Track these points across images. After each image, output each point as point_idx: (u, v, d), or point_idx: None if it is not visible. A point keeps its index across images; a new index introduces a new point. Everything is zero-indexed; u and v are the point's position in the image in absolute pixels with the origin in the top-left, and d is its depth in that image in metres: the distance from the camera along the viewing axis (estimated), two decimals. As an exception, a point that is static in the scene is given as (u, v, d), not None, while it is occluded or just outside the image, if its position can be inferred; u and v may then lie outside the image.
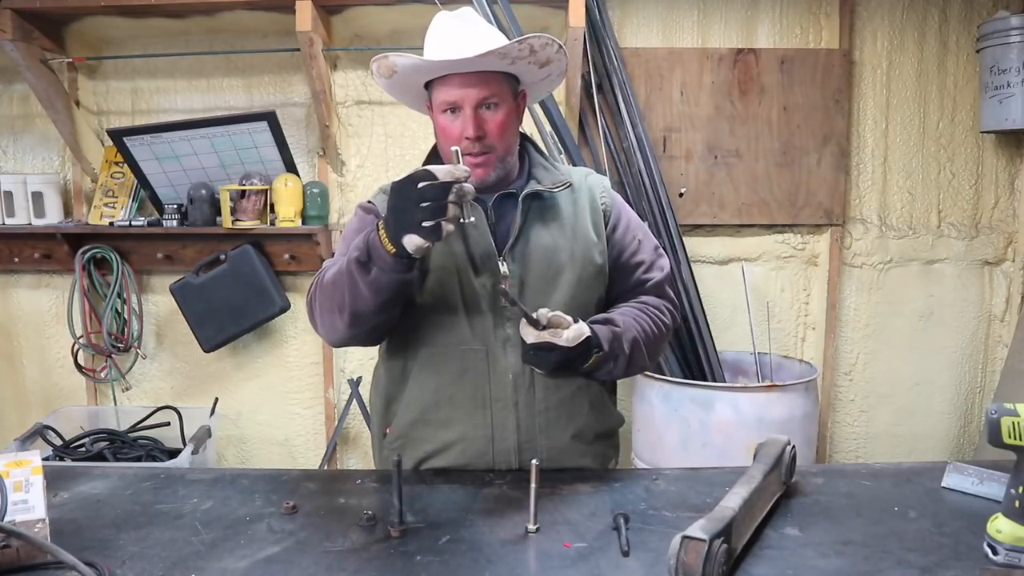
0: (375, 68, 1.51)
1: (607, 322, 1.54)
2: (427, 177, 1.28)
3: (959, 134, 3.04)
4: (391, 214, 1.33)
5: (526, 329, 1.43)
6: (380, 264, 1.35)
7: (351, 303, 1.41)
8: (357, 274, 1.38)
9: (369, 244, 1.36)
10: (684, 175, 2.98)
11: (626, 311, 1.59)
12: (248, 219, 2.87)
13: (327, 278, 1.46)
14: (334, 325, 1.47)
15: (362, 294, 1.39)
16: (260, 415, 3.22)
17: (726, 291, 3.05)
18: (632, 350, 1.54)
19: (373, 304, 1.40)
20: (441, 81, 1.49)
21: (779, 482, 1.38)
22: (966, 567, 1.15)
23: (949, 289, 3.10)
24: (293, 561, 1.18)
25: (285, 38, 2.89)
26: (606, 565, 1.17)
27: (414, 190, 1.28)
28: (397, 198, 1.31)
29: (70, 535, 1.25)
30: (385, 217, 1.35)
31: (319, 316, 1.50)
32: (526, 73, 1.54)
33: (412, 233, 1.29)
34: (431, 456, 1.56)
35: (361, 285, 1.38)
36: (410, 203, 1.28)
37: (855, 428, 3.18)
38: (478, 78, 1.46)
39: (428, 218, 1.28)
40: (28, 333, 3.22)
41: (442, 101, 1.49)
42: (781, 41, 2.98)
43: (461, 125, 1.48)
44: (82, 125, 3.01)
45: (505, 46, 1.44)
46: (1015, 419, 1.12)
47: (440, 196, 1.27)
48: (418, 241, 1.30)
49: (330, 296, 1.45)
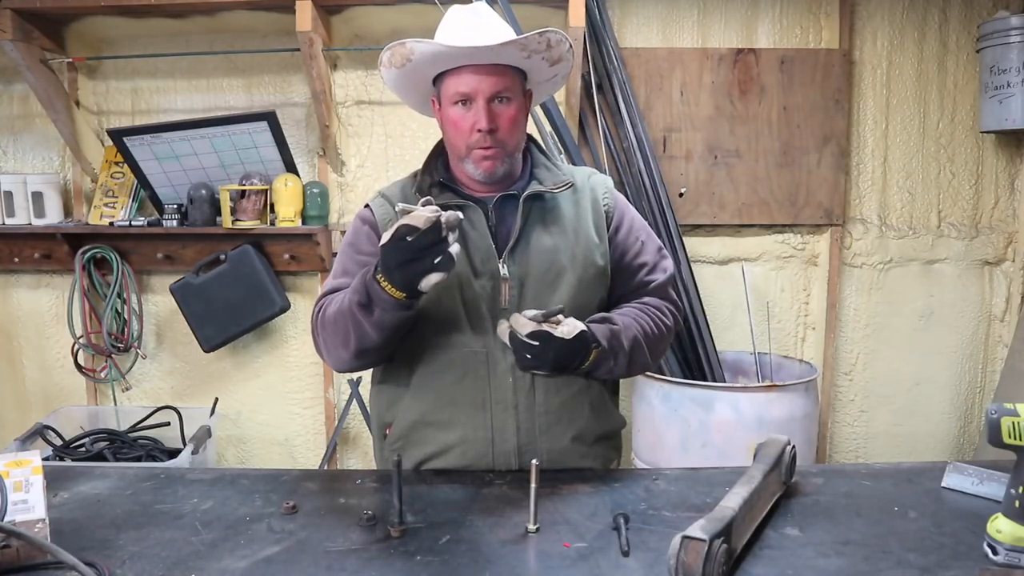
0: (387, 56, 1.49)
1: (605, 320, 1.53)
2: (411, 231, 1.29)
3: (959, 134, 3.04)
4: (395, 270, 1.33)
5: (519, 320, 1.41)
6: (382, 306, 1.39)
7: (357, 342, 1.46)
8: (360, 316, 1.41)
9: (369, 291, 1.38)
10: (684, 175, 2.98)
11: (626, 311, 1.59)
12: (248, 219, 2.87)
13: (329, 315, 1.49)
14: (340, 358, 1.52)
15: (367, 333, 1.43)
16: (260, 415, 3.22)
17: (726, 291, 3.05)
18: (632, 348, 1.53)
19: (379, 340, 1.45)
20: (454, 72, 1.48)
21: (779, 482, 1.38)
22: (966, 567, 1.15)
23: (949, 289, 3.10)
24: (293, 561, 1.18)
25: (285, 38, 2.89)
26: (606, 565, 1.17)
27: (407, 245, 1.29)
28: (395, 256, 1.32)
29: (70, 535, 1.25)
30: (384, 271, 1.35)
31: (324, 350, 1.55)
32: (537, 71, 1.55)
33: (429, 273, 1.32)
34: (431, 458, 1.56)
35: (365, 325, 1.42)
36: (409, 256, 1.31)
37: (855, 428, 3.18)
38: (492, 70, 1.46)
39: (436, 257, 1.31)
40: (28, 333, 3.22)
41: (455, 92, 1.48)
42: (781, 41, 2.98)
43: (473, 117, 1.47)
44: (82, 125, 3.01)
45: (526, 36, 1.45)
46: (1015, 419, 1.12)
47: (435, 239, 1.30)
48: (435, 278, 1.33)
49: (333, 333, 1.49)
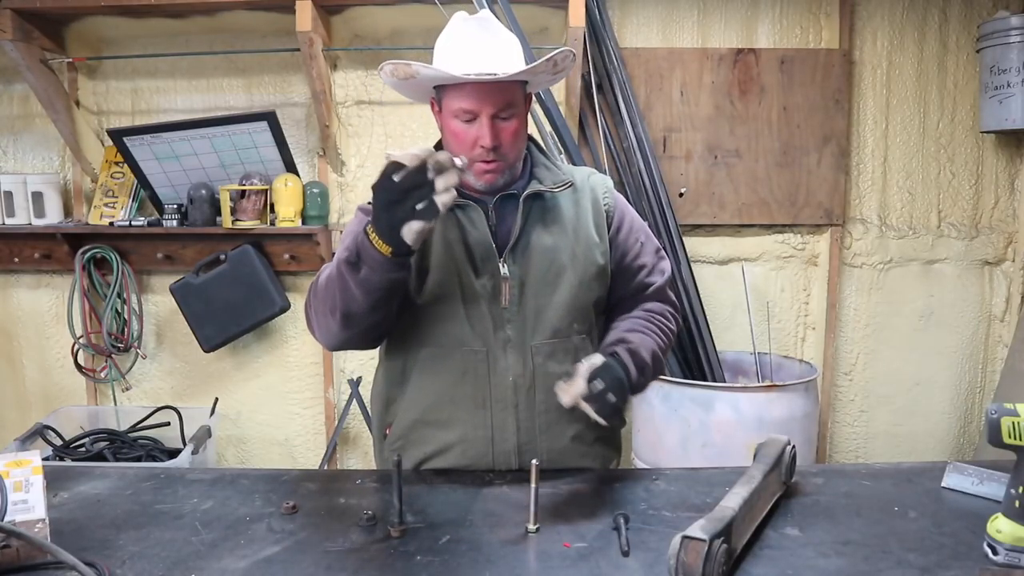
0: (390, 69, 1.47)
1: (620, 342, 1.52)
2: (397, 168, 1.24)
3: (959, 134, 3.04)
4: (381, 213, 1.29)
5: (571, 392, 1.38)
6: (370, 263, 1.33)
7: (343, 304, 1.40)
8: (347, 274, 1.37)
9: (358, 245, 1.34)
10: (684, 175, 2.98)
11: (634, 324, 1.58)
12: (248, 219, 2.87)
13: (320, 281, 1.46)
14: (328, 327, 1.46)
15: (353, 294, 1.38)
16: (260, 415, 3.22)
17: (726, 291, 3.05)
18: (652, 360, 1.53)
19: (365, 304, 1.39)
20: (457, 87, 1.46)
21: (779, 482, 1.38)
22: (966, 567, 1.15)
23: (949, 289, 3.10)
24: (293, 561, 1.19)
25: (285, 38, 2.89)
26: (606, 565, 1.17)
27: (392, 185, 1.25)
28: (380, 196, 1.28)
29: (70, 535, 1.25)
30: (373, 218, 1.31)
31: (315, 320, 1.50)
32: (539, 81, 1.57)
33: (409, 220, 1.26)
34: (431, 457, 1.56)
35: (352, 285, 1.37)
36: (395, 196, 1.25)
37: (855, 428, 3.18)
38: (497, 87, 1.45)
39: (419, 201, 1.25)
40: (28, 333, 3.22)
41: (458, 108, 1.46)
42: (781, 41, 2.98)
43: (476, 133, 1.46)
44: (82, 125, 3.01)
45: (535, 66, 1.46)
46: (1015, 419, 1.12)
47: (420, 179, 1.24)
48: (416, 226, 1.26)
49: (323, 299, 1.44)
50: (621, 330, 1.58)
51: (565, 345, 1.55)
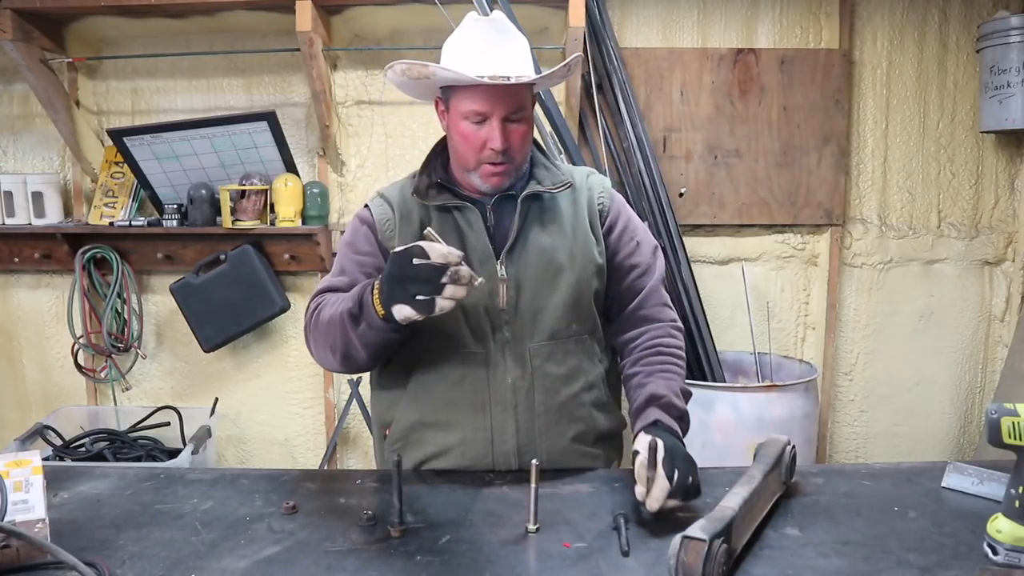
0: (402, 68, 1.46)
1: (651, 400, 1.47)
2: (421, 255, 1.28)
3: (959, 134, 3.04)
4: (387, 282, 1.34)
5: (653, 501, 1.30)
6: (369, 322, 1.39)
7: (343, 347, 1.46)
8: (348, 325, 1.42)
9: (362, 301, 1.39)
10: (684, 175, 2.98)
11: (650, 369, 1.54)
12: (248, 219, 2.87)
13: (322, 318, 1.49)
14: (327, 361, 1.54)
15: (353, 343, 1.44)
16: (260, 415, 3.21)
17: (726, 291, 3.05)
18: (683, 398, 1.51)
19: (364, 353, 1.46)
20: (469, 88, 1.46)
21: (779, 482, 1.38)
22: (966, 567, 1.15)
23: (949, 289, 3.10)
24: (293, 561, 1.19)
25: (285, 38, 2.89)
26: (606, 565, 1.17)
27: (409, 265, 1.29)
28: (394, 267, 1.32)
29: (70, 535, 1.25)
30: (381, 281, 1.36)
31: (314, 348, 1.55)
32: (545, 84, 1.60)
33: (404, 304, 1.31)
34: (431, 459, 1.56)
35: (352, 336, 1.43)
36: (405, 275, 1.30)
37: (855, 428, 3.18)
38: (509, 90, 1.45)
39: (422, 293, 1.29)
40: (28, 333, 3.22)
41: (469, 110, 1.46)
42: (781, 41, 2.98)
43: (487, 135, 1.46)
44: (82, 125, 3.00)
45: (553, 72, 1.49)
46: (1015, 419, 1.12)
47: (433, 277, 1.28)
48: (408, 312, 1.32)
49: (324, 335, 1.49)
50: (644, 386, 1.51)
51: (564, 346, 1.55)
